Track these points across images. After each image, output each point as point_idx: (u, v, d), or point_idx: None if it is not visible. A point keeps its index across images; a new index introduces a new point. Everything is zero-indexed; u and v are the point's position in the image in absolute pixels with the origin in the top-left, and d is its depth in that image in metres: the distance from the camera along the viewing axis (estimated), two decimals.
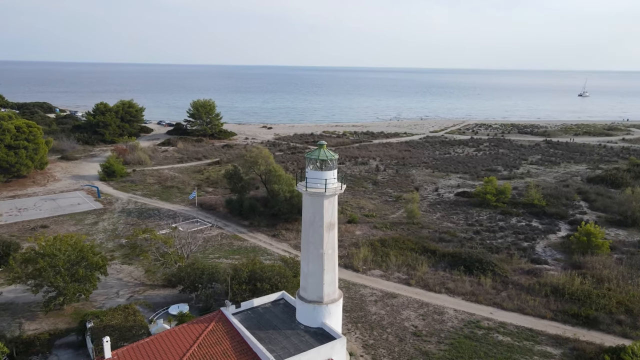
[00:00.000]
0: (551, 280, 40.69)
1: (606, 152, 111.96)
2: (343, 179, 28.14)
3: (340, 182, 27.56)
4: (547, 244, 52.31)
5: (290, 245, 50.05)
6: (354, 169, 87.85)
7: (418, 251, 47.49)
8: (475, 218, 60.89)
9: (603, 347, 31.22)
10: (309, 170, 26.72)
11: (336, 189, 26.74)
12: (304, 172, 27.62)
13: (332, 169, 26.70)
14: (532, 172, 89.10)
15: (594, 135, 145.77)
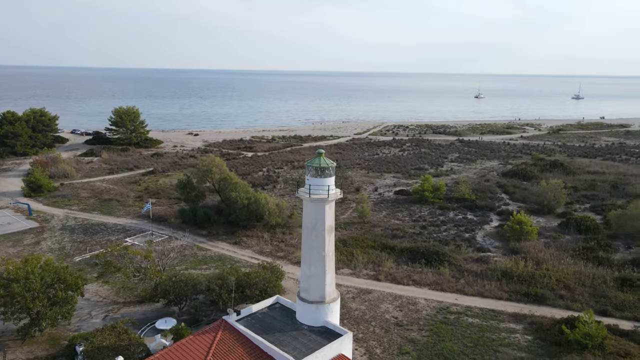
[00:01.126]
0: (499, 266, 45.80)
1: (511, 149, 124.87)
2: (340, 185, 29.89)
3: (340, 188, 29.33)
4: (485, 234, 58.21)
5: (255, 251, 50.64)
6: (292, 173, 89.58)
7: (378, 248, 50.60)
8: (418, 214, 65.69)
9: (555, 319, 36.28)
10: (310, 177, 28.18)
11: (336, 194, 28.52)
12: (301, 180, 29.07)
13: (331, 176, 28.43)
14: (455, 169, 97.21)
15: (496, 133, 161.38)
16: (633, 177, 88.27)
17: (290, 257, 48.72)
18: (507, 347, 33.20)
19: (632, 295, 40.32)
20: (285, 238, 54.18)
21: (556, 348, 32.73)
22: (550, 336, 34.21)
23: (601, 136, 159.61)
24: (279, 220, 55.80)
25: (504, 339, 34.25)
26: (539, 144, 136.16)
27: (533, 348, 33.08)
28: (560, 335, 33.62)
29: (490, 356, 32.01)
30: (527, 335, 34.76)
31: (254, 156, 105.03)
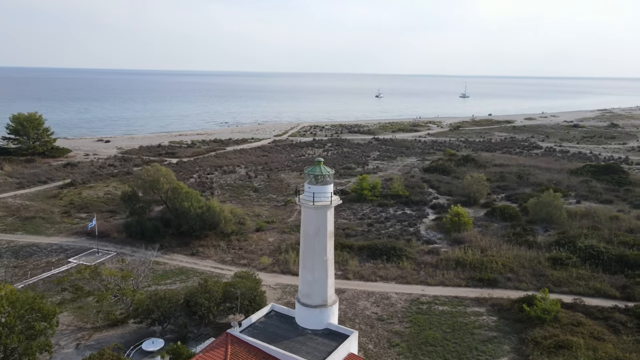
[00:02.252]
0: (451, 256, 49.91)
1: (423, 146, 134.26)
2: (336, 192, 30.88)
3: (338, 194, 30.36)
4: (426, 227, 62.68)
5: (215, 261, 49.56)
6: (226, 178, 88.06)
7: (337, 248, 51.97)
8: (361, 212, 68.62)
9: (511, 299, 40.75)
10: (312, 185, 28.87)
11: (336, 200, 29.54)
12: (300, 188, 29.66)
13: (332, 183, 29.42)
14: (380, 167, 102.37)
15: (405, 131, 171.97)
16: (532, 168, 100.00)
17: (254, 264, 48.47)
18: (479, 328, 36.76)
19: (565, 272, 46.52)
20: (242, 245, 53.63)
21: (520, 325, 36.94)
22: (511, 315, 38.48)
23: (494, 131, 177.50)
24: (234, 227, 55.05)
25: (474, 321, 37.81)
26: (446, 140, 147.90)
27: (500, 327, 37.02)
28: (520, 312, 37.98)
29: (468, 338, 35.25)
30: (492, 316, 38.72)
31: (180, 162, 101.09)
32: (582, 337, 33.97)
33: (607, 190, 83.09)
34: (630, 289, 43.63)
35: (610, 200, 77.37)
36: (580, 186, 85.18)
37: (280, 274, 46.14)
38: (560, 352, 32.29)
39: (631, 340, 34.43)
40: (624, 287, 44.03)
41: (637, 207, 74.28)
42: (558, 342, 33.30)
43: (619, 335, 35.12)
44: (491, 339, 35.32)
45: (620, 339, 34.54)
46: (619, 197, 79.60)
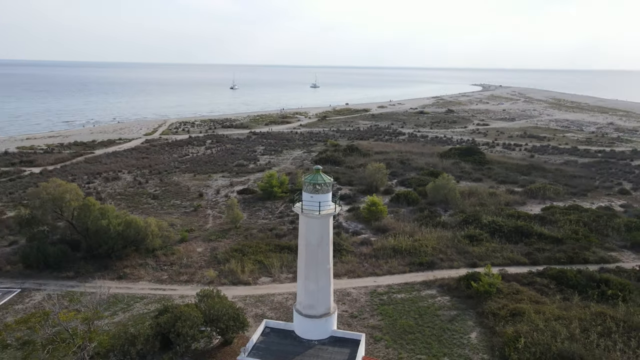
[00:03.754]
0: (385, 244, 52.68)
1: (302, 137, 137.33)
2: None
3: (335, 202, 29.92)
4: (345, 219, 64.91)
5: (151, 282, 44.59)
6: (112, 186, 78.90)
7: (276, 250, 51.25)
8: (278, 210, 67.99)
9: (454, 277, 44.99)
10: (314, 194, 28.05)
11: (338, 208, 29.19)
12: (295, 197, 28.56)
13: (331, 191, 28.94)
14: (272, 162, 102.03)
15: (277, 123, 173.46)
16: (408, 154, 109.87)
17: (197, 279, 44.94)
18: (440, 310, 39.93)
19: (482, 247, 52.81)
20: (172, 260, 49.11)
21: (471, 300, 41.11)
22: (460, 292, 42.53)
23: (358, 120, 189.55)
24: (160, 242, 50.07)
25: (433, 304, 40.93)
26: (320, 131, 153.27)
27: (456, 305, 40.75)
28: (468, 289, 42.21)
29: (436, 320, 38.07)
30: (444, 296, 42.33)
31: (45, 172, 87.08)
32: (526, 303, 39.32)
33: (474, 170, 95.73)
34: (533, 254, 51.56)
35: (479, 179, 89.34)
36: (453, 168, 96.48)
37: (231, 285, 43.63)
38: (516, 319, 36.92)
39: (560, 299, 40.98)
40: (528, 254, 51.84)
41: (501, 182, 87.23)
42: (511, 310, 38.04)
43: (549, 297, 41.47)
44: (454, 317, 38.72)
45: (552, 299, 40.84)
46: (485, 175, 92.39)
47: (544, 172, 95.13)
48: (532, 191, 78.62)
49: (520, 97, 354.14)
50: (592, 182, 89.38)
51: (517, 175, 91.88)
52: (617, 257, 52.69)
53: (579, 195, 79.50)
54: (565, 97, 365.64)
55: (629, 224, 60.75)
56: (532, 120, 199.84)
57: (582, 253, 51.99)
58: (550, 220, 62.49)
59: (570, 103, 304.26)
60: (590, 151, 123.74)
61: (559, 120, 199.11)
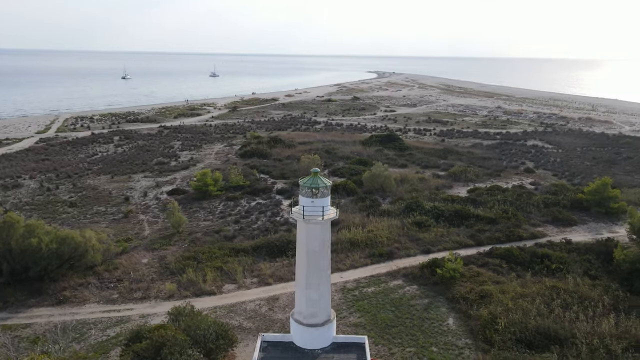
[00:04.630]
0: (341, 238, 52.31)
1: (218, 130, 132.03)
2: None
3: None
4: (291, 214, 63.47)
5: (100, 302, 39.69)
6: (16, 195, 68.98)
7: (232, 254, 48.54)
8: (217, 210, 64.53)
9: (415, 266, 46.21)
10: (315, 199, 26.64)
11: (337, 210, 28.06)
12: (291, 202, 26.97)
13: (329, 195, 27.70)
14: (195, 158, 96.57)
15: (186, 116, 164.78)
16: (331, 143, 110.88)
17: (155, 294, 40.94)
18: (412, 299, 40.80)
19: (431, 234, 54.92)
20: (118, 275, 44.18)
21: (438, 287, 42.55)
22: (425, 280, 43.76)
23: (269, 110, 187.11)
24: (100, 257, 44.77)
25: (403, 294, 41.69)
26: (235, 122, 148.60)
27: (425, 292, 41.93)
28: (433, 276, 43.62)
29: (412, 311, 38.83)
30: (412, 285, 43.33)
31: None
32: (489, 285, 41.67)
33: (398, 156, 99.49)
34: (476, 236, 54.85)
35: (405, 165, 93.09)
36: (378, 155, 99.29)
37: (194, 297, 40.41)
38: (484, 301, 38.94)
39: (514, 277, 44.03)
40: (472, 236, 55.05)
41: (425, 167, 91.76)
42: (478, 293, 40.05)
43: (504, 276, 44.36)
44: (428, 305, 39.80)
45: (508, 278, 43.73)
46: (409, 161, 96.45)
47: (458, 156, 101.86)
48: (455, 174, 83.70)
49: (415, 83, 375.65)
50: (501, 162, 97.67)
51: (437, 160, 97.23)
52: (543, 232, 58.04)
53: (494, 176, 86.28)
54: (453, 82, 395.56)
55: (546, 200, 67.35)
56: (432, 105, 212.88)
57: (516, 231, 56.49)
58: (480, 202, 66.96)
59: (459, 89, 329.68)
60: (490, 133, 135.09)
61: (454, 105, 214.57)
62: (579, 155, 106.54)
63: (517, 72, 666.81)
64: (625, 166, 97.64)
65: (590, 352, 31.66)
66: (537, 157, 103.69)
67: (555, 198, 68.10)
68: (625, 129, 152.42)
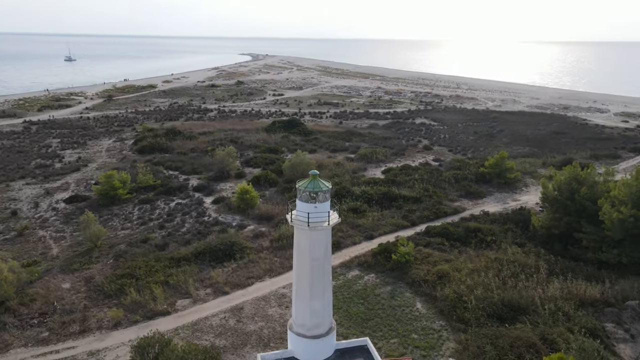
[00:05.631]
0: (283, 233, 50.27)
1: (101, 124, 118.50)
2: None
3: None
4: (218, 213, 59.55)
5: (29, 345, 32.85)
6: None
7: (173, 265, 43.84)
8: (133, 216, 57.87)
9: (368, 253, 46.45)
10: (319, 204, 24.65)
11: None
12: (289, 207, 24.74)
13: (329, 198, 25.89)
14: (82, 158, 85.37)
15: (54, 108, 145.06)
16: (235, 131, 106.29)
17: (96, 326, 35.17)
18: (376, 289, 40.94)
19: (368, 219, 55.67)
20: (39, 308, 37.16)
21: (395, 272, 43.24)
22: (381, 267, 44.21)
23: (151, 98, 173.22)
24: (12, 289, 37.12)
25: (365, 285, 41.63)
26: (116, 114, 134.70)
27: (385, 279, 42.37)
28: (387, 262, 44.26)
29: (380, 300, 39.01)
30: (370, 274, 43.49)
31: None
32: (442, 264, 43.52)
33: (305, 142, 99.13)
34: (409, 217, 57.02)
35: (314, 150, 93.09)
36: (285, 142, 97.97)
37: (147, 320, 35.64)
38: (443, 281, 40.58)
39: (458, 253, 46.62)
40: (405, 217, 57.10)
41: (334, 151, 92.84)
42: (436, 274, 41.55)
43: (449, 253, 46.73)
44: (392, 293, 40.29)
45: (454, 255, 46.14)
46: (317, 145, 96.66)
47: (361, 137, 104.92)
48: (366, 156, 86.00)
49: (292, 65, 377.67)
50: (401, 142, 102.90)
51: (342, 143, 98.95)
52: (462, 206, 62.54)
53: (399, 155, 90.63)
54: (328, 64, 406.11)
55: (455, 176, 72.59)
56: (316, 87, 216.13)
57: (441, 207, 60.03)
58: (399, 182, 69.83)
59: (336, 70, 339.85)
60: (380, 114, 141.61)
61: (338, 87, 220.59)
62: (462, 131, 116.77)
63: (374, 52, 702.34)
64: (502, 138, 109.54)
65: (551, 316, 34.89)
66: (429, 135, 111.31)
67: (462, 173, 73.72)
68: (489, 104, 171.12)
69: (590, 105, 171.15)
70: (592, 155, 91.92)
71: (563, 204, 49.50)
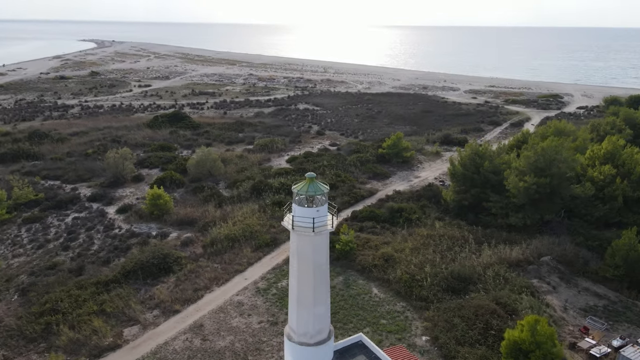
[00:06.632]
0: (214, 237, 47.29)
1: None
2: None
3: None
4: (128, 222, 53.47)
5: None
6: None
7: (101, 289, 38.33)
8: (24, 238, 49.06)
9: None
10: (322, 207, 23.57)
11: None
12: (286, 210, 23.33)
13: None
14: None
15: None
16: (113, 129, 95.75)
17: None
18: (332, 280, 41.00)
19: None
20: None
21: (342, 261, 43.71)
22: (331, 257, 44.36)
23: None
24: None
25: None
26: None
27: (336, 270, 42.50)
28: (332, 252, 44.27)
29: (342, 294, 39.11)
30: None
31: None
32: (384, 248, 45.18)
33: (197, 136, 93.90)
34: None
35: (209, 144, 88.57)
36: (174, 137, 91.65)
37: (95, 359, 30.93)
38: (390, 263, 42.25)
39: (391, 234, 48.78)
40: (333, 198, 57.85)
41: (230, 143, 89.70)
42: (381, 257, 43.00)
43: (384, 235, 48.69)
44: (346, 282, 40.80)
45: (389, 237, 48.18)
46: (211, 139, 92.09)
47: (253, 127, 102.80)
48: (266, 146, 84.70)
49: (148, 53, 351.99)
50: (293, 129, 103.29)
51: (236, 134, 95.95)
52: (374, 187, 65.54)
53: (296, 143, 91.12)
54: (187, 50, 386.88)
55: (360, 159, 75.54)
56: (185, 76, 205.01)
57: (356, 191, 62.16)
58: (309, 170, 70.26)
59: (197, 57, 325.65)
60: (262, 101, 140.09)
61: (208, 75, 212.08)
62: (345, 114, 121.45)
63: (229, 38, 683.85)
64: (382, 119, 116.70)
65: (494, 281, 38.77)
66: (316, 119, 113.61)
67: (364, 156, 77.01)
68: (359, 87, 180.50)
69: (443, 84, 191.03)
70: (462, 130, 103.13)
71: (470, 177, 54.86)
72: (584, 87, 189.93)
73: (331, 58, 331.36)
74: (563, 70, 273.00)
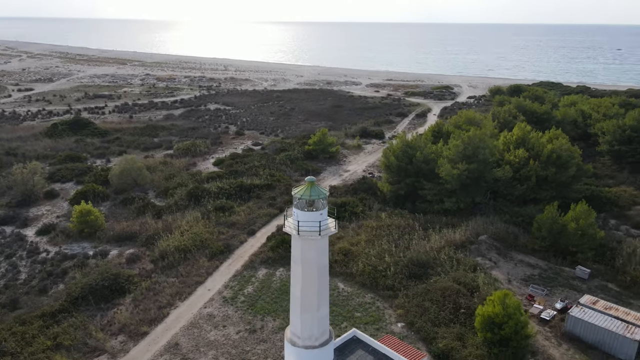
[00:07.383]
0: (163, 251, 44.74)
1: None
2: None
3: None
4: (52, 244, 48.38)
5: None
6: None
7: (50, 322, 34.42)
8: None
9: (264, 249, 45.69)
10: (324, 211, 23.73)
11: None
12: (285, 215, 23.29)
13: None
14: None
15: None
16: (5, 141, 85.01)
17: None
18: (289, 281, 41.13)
19: (240, 215, 53.83)
20: None
21: None
22: (283, 260, 43.96)
23: None
24: None
25: (281, 279, 41.23)
26: None
27: None
28: (288, 252, 44.16)
29: None
30: (279, 269, 43.04)
31: None
32: (340, 243, 46.23)
33: (108, 143, 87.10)
34: (274, 204, 57.64)
35: (124, 152, 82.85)
36: (82, 147, 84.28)
37: None
38: (349, 256, 43.43)
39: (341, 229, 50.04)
40: (271, 204, 57.53)
41: (147, 149, 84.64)
42: (340, 252, 44.05)
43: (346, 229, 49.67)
44: None
45: (339, 231, 49.37)
46: (123, 146, 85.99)
47: (168, 131, 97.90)
48: (189, 150, 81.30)
49: (19, 52, 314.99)
50: (210, 130, 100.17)
51: (151, 140, 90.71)
52: None
53: (217, 144, 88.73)
54: (65, 49, 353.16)
55: (288, 157, 75.87)
56: (72, 78, 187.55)
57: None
58: (241, 172, 69.05)
59: (80, 56, 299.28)
60: (168, 103, 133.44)
61: (98, 76, 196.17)
62: (258, 112, 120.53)
63: (112, 35, 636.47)
64: (297, 115, 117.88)
65: (448, 263, 41.85)
66: (230, 119, 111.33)
67: (292, 154, 77.53)
68: (265, 84, 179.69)
69: (345, 79, 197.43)
70: (375, 122, 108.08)
71: (404, 168, 58.14)
72: (468, 78, 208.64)
73: (227, 55, 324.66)
74: (445, 62, 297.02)
